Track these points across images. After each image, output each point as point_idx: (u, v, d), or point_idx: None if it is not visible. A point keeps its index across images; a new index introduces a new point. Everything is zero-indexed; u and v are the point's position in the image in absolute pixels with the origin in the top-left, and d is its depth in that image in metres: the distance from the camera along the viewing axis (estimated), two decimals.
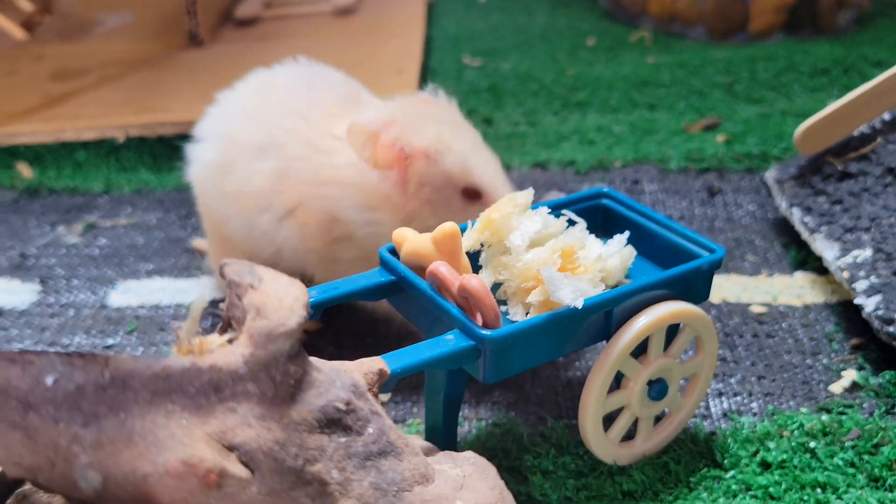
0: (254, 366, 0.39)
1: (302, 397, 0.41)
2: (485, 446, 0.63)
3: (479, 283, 0.52)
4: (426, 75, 1.28)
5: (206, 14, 1.34)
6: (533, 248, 0.58)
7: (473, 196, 0.68)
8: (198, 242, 0.90)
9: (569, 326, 0.54)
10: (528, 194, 0.61)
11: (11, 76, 1.24)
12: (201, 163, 0.74)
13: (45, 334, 0.78)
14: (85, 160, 1.05)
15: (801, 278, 0.82)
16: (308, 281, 0.72)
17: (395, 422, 0.67)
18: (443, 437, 0.60)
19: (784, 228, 0.89)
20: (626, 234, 0.62)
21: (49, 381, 0.35)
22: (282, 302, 0.40)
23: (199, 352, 0.40)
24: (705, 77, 1.21)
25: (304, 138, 0.70)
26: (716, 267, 0.60)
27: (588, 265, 0.57)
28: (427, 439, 0.62)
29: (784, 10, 1.37)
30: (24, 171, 1.04)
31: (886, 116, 0.88)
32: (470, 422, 0.66)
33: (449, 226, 0.56)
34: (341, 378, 0.44)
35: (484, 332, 0.51)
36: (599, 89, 1.20)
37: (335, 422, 0.42)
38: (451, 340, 0.52)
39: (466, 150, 0.68)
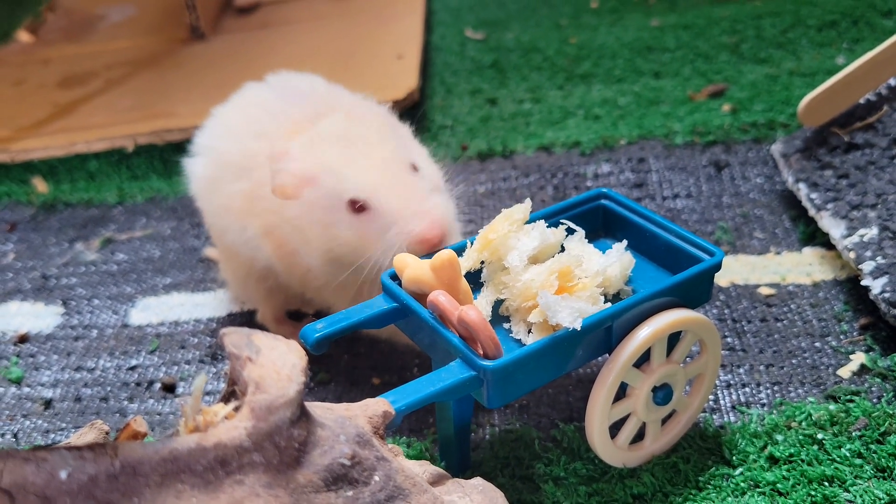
0: (257, 437, 0.41)
1: (307, 459, 0.43)
2: (497, 455, 0.65)
3: (476, 314, 0.53)
4: (428, 54, 1.28)
5: (207, 5, 1.34)
6: (532, 266, 0.59)
7: (360, 209, 0.64)
8: (209, 251, 0.91)
9: (568, 347, 0.55)
10: (524, 209, 0.62)
11: (20, 86, 1.25)
12: (196, 177, 0.76)
13: (71, 359, 0.80)
14: (97, 170, 1.07)
15: (810, 254, 0.82)
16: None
17: (411, 431, 0.69)
18: (456, 454, 0.62)
19: (792, 201, 0.88)
20: (625, 242, 0.63)
21: (63, 475, 0.37)
22: (280, 373, 0.42)
23: (204, 425, 0.41)
24: (711, 38, 1.20)
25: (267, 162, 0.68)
26: (715, 270, 0.61)
27: (587, 281, 0.58)
28: (441, 450, 0.64)
29: None
30: (40, 185, 1.06)
31: (893, 82, 0.87)
32: (483, 428, 0.68)
33: (446, 253, 0.56)
34: (346, 430, 0.46)
35: (484, 362, 0.52)
36: (604, 58, 1.19)
37: (341, 477, 0.44)
38: (452, 373, 0.53)
39: (343, 165, 0.65)
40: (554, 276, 0.56)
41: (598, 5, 1.37)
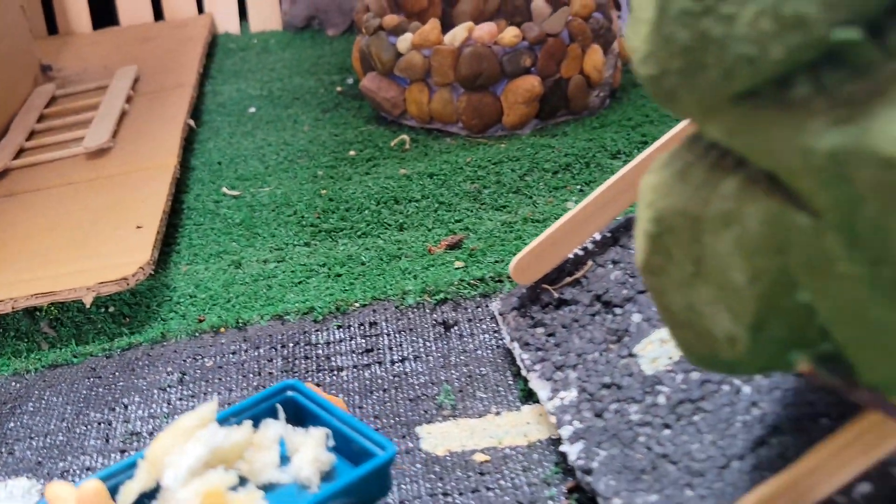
0: None
1: None
2: None
3: None
4: (180, 216, 1.26)
5: None
6: (196, 479, 0.57)
7: None
8: None
9: None
10: (197, 415, 0.60)
11: None
12: None
13: None
14: None
15: (529, 412, 0.83)
16: None
17: None
18: None
19: (514, 358, 0.90)
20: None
21: None
22: None
23: None
24: (454, 186, 1.23)
25: None
26: (389, 464, 0.61)
27: (243, 498, 0.56)
28: None
29: (534, 100, 1.41)
30: None
31: (597, 237, 0.91)
32: None
33: (91, 483, 0.53)
34: None
35: None
36: (351, 211, 1.20)
37: None
38: None
39: None
40: (198, 500, 0.54)
41: (356, 154, 1.39)
